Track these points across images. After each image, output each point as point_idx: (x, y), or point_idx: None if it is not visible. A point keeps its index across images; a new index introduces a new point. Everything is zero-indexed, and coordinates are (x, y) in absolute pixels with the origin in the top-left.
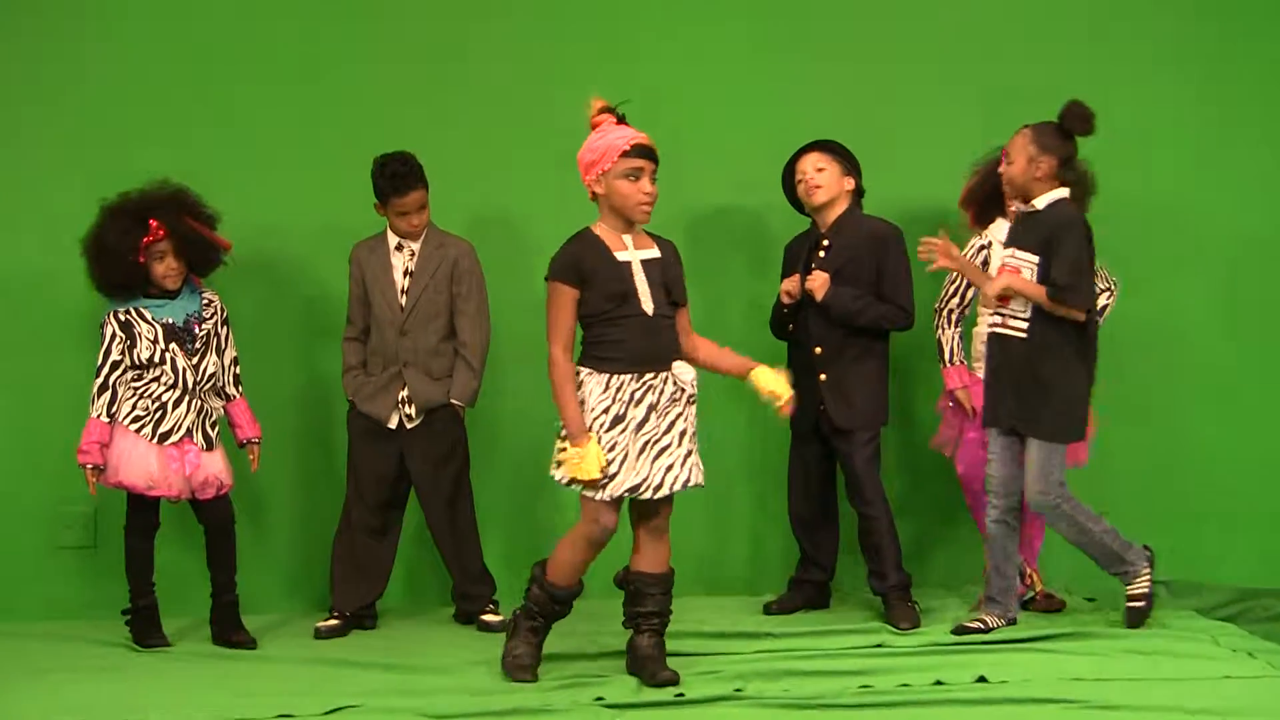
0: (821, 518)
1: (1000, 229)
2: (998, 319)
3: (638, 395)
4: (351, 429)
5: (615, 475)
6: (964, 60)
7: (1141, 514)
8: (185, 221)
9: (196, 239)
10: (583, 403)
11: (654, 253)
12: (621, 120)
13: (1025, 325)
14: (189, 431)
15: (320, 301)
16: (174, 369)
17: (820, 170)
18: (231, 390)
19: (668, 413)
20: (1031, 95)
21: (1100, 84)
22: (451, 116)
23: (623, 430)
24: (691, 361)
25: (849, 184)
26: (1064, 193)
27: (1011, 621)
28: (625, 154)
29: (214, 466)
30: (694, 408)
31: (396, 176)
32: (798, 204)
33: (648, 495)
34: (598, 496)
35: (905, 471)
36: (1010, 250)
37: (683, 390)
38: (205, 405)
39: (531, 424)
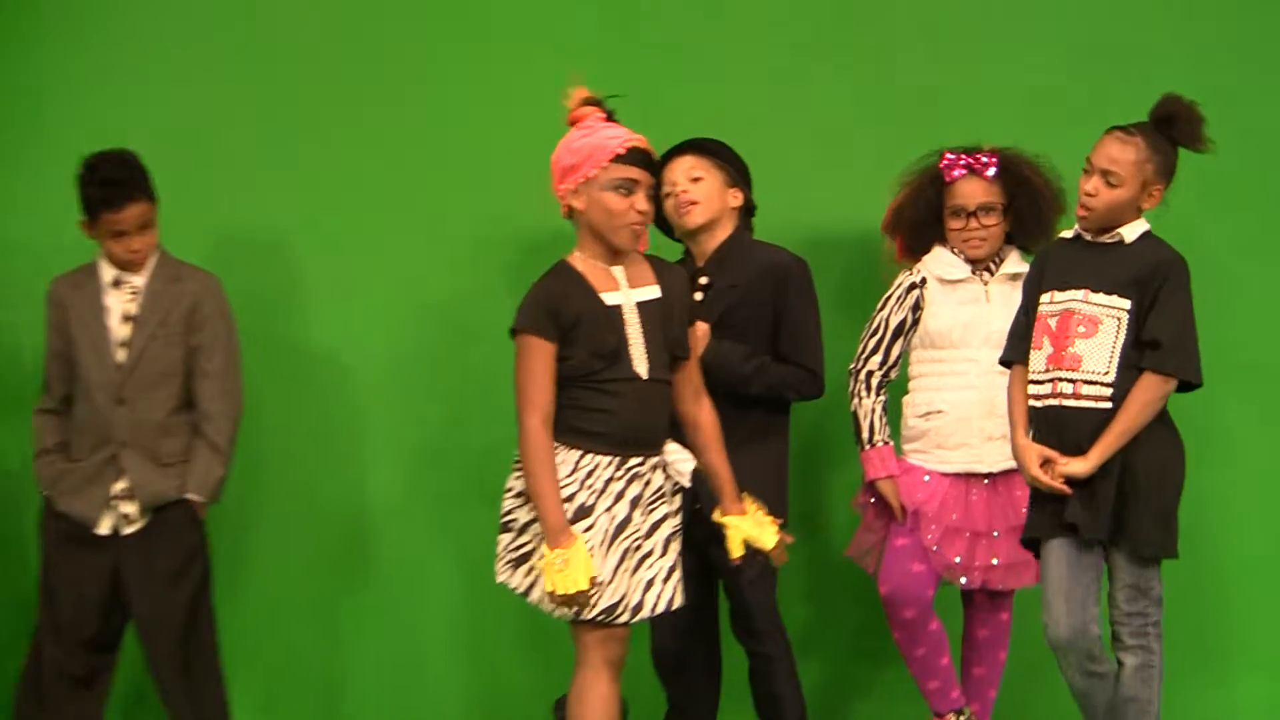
0: (697, 657)
1: (939, 261)
2: (1046, 386)
3: (618, 487)
4: (46, 536)
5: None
6: (888, 47)
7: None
8: None
9: None
10: None
11: (653, 291)
12: (611, 117)
13: (1110, 391)
14: None
15: (1, 358)
16: None
17: (696, 180)
18: None
19: (653, 511)
20: (973, 90)
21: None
22: (188, 102)
23: (590, 528)
24: (688, 439)
25: (735, 199)
26: (1147, 224)
27: None
28: (618, 159)
29: None
30: (679, 506)
31: (110, 184)
32: (665, 225)
33: (624, 619)
34: (574, 615)
35: (811, 593)
36: (1079, 293)
37: (675, 484)
38: None
39: (303, 526)
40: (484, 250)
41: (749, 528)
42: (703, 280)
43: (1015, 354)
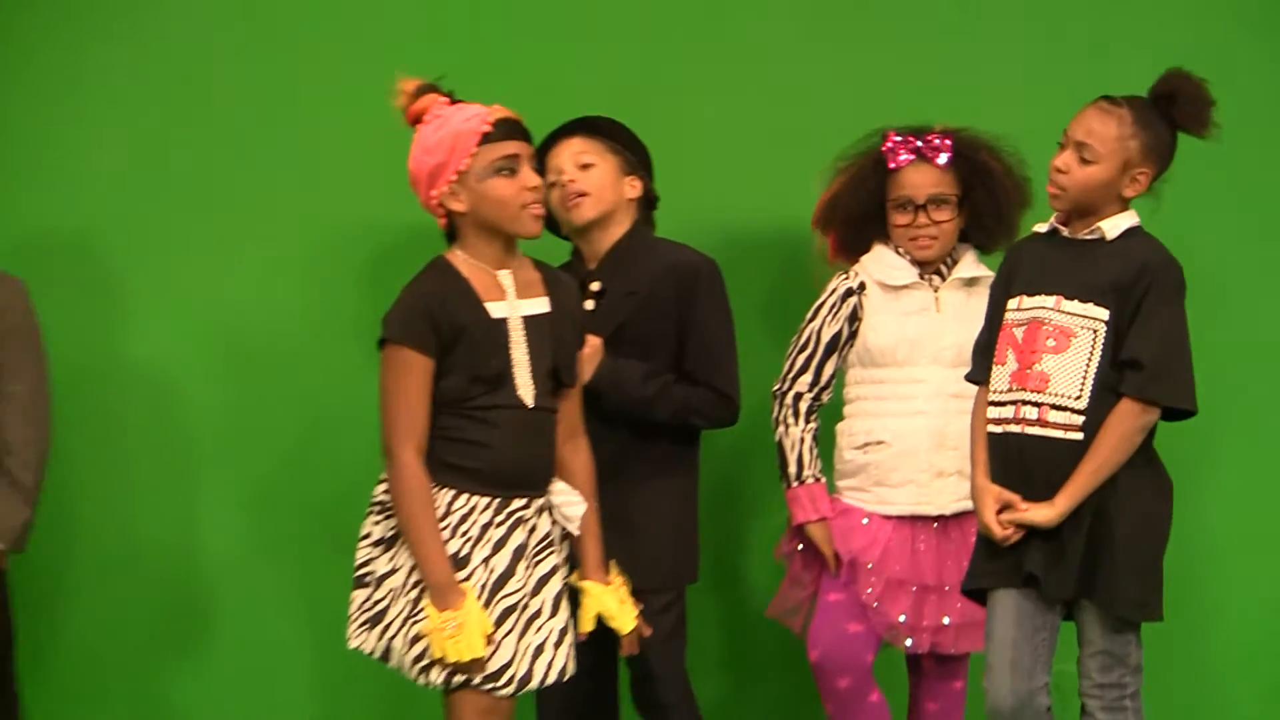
0: None
1: (881, 262)
2: (1007, 409)
3: (498, 534)
4: None
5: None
6: (819, 11)
7: None
8: None
9: None
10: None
11: (541, 304)
12: (454, 99)
13: (1081, 419)
14: None
15: None
16: None
17: (586, 167)
18: None
19: (540, 562)
20: (923, 65)
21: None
22: None
23: (466, 580)
24: None
25: (633, 189)
26: (1136, 218)
27: None
28: (487, 138)
29: None
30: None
31: None
32: (550, 221)
33: (509, 691)
34: (447, 683)
35: (727, 658)
36: (1050, 299)
37: (563, 530)
38: None
39: (125, 579)
40: (331, 252)
41: (609, 602)
42: (595, 286)
43: (981, 372)
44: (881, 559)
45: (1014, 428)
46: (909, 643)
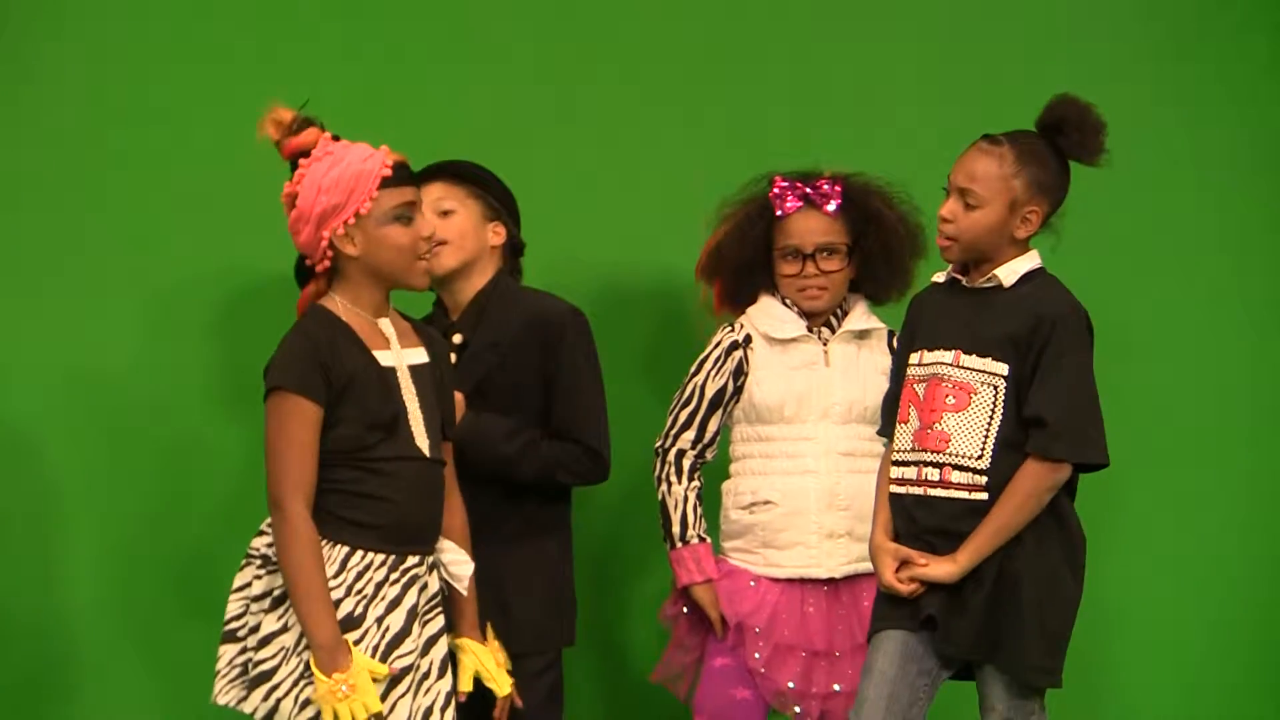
0: None
1: (767, 314)
2: (910, 470)
3: (392, 593)
4: None
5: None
6: (709, 40)
7: None
8: None
9: None
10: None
11: (421, 355)
12: (335, 136)
13: (985, 479)
14: None
15: None
16: None
17: (446, 214)
18: None
19: (429, 622)
20: (817, 107)
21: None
22: None
23: (359, 641)
24: None
25: (496, 236)
26: (1037, 260)
27: None
28: (386, 182)
29: None
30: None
31: None
32: None
33: None
34: None
35: None
36: (949, 354)
37: (450, 589)
38: None
39: None
40: (183, 303)
41: (488, 662)
42: (457, 338)
43: (889, 428)
44: (769, 623)
45: (916, 489)
46: (797, 710)
